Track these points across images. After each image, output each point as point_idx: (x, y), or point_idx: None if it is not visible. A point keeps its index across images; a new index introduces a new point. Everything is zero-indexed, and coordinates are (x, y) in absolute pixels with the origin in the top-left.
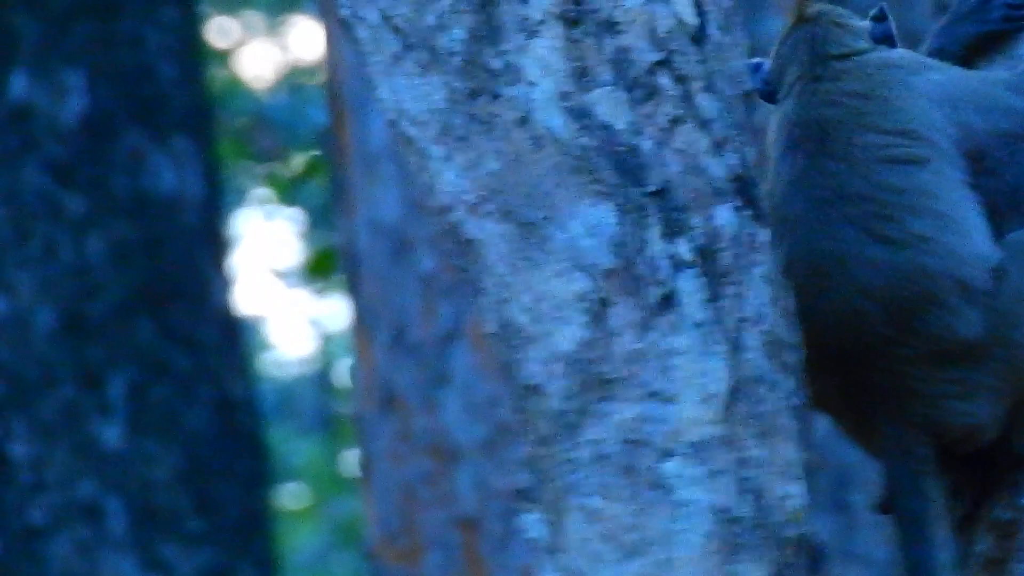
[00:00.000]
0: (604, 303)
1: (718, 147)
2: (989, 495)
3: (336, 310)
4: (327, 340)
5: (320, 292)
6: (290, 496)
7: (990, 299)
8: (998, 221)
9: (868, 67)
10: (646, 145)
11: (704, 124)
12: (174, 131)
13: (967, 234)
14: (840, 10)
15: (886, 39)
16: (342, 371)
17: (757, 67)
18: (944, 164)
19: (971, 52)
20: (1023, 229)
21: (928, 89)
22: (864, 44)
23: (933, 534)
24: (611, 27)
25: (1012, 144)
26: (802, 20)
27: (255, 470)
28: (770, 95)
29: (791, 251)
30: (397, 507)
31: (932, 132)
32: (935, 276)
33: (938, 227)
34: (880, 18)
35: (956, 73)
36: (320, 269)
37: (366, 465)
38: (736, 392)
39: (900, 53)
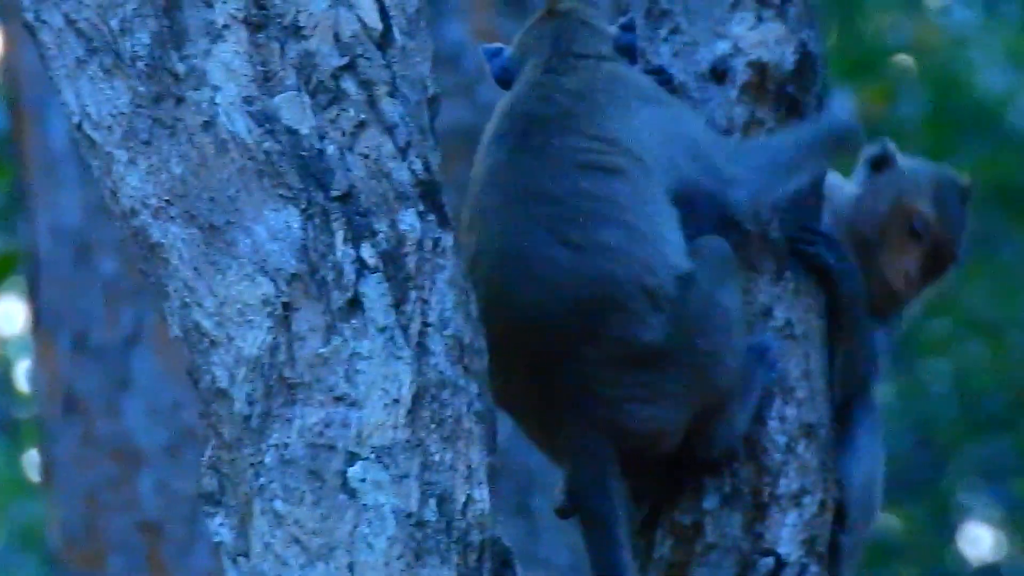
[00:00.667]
0: (289, 307)
1: (403, 152)
2: (670, 500)
3: (13, 313)
4: (5, 343)
5: None
6: None
7: (676, 307)
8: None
9: (599, 72)
10: (331, 150)
11: (389, 129)
12: None
13: (656, 245)
14: (591, 10)
15: (628, 50)
16: (22, 374)
17: (498, 52)
18: (642, 177)
19: None
20: (709, 235)
21: (650, 118)
22: (606, 50)
23: (619, 535)
24: (296, 31)
25: (708, 198)
26: (551, 14)
27: None
28: (507, 83)
29: (480, 243)
30: (80, 511)
31: (638, 147)
32: (620, 283)
33: (626, 237)
34: (628, 28)
35: (687, 116)
36: None
37: (48, 469)
38: (421, 397)
39: (638, 75)
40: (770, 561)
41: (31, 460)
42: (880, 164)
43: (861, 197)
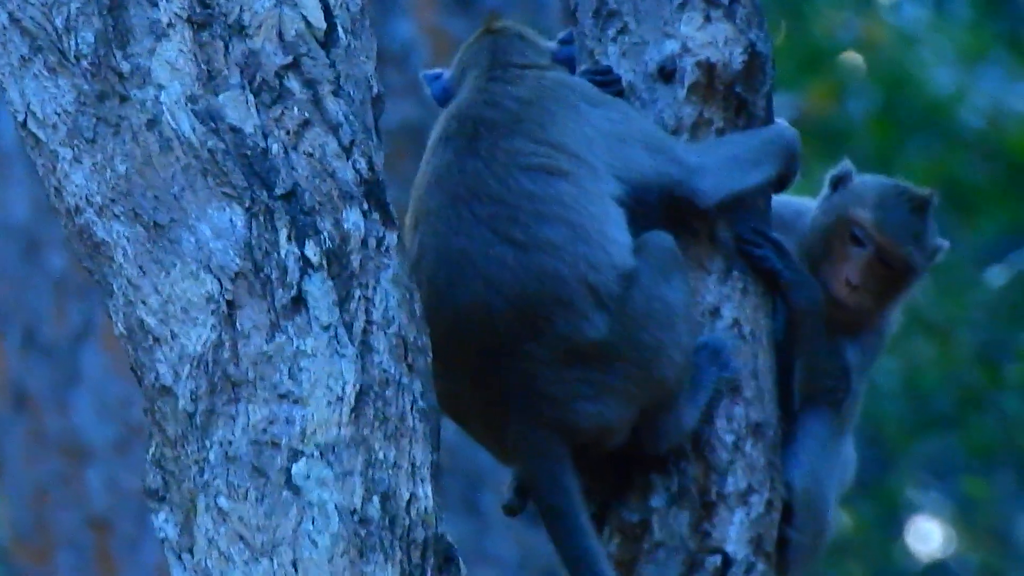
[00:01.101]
0: (233, 305)
1: (347, 151)
2: (617, 497)
3: None
4: None
5: None
6: None
7: (620, 304)
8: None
9: (544, 80)
10: (275, 148)
11: (333, 128)
12: None
13: (600, 243)
14: (526, 28)
15: (568, 63)
16: None
17: (438, 76)
18: (588, 178)
19: None
20: (655, 230)
21: (599, 122)
22: (545, 62)
23: (584, 525)
24: (240, 30)
25: (667, 192)
26: (488, 32)
27: None
28: (447, 102)
29: (424, 243)
30: (29, 507)
31: (585, 152)
32: (564, 280)
33: (569, 235)
34: (567, 42)
35: (637, 116)
36: None
37: None
38: (364, 394)
39: (582, 81)
40: (717, 559)
41: None
42: (837, 183)
43: (815, 215)
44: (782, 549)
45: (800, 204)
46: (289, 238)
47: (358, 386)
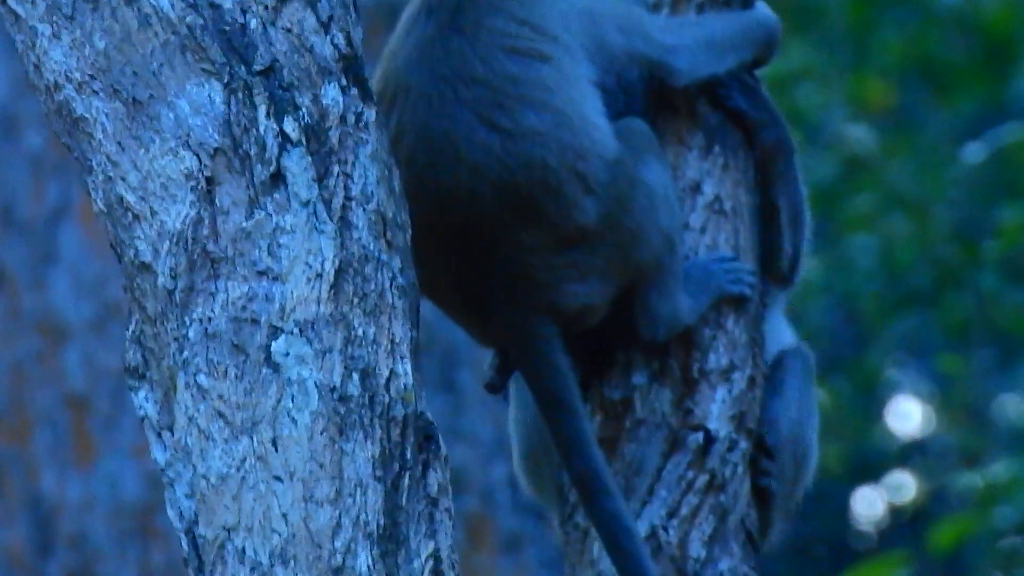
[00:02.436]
0: (212, 182)
1: (325, 26)
2: (598, 375)
3: None
4: None
5: None
6: None
7: (606, 189)
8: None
9: None
10: (253, 24)
11: (311, 3)
12: None
13: (585, 130)
14: None
15: None
16: None
17: None
18: (568, 62)
19: None
20: (628, 117)
21: (576, 1)
22: None
23: (578, 407)
24: None
25: (645, 69)
26: None
27: None
28: None
29: (402, 121)
30: (5, 385)
31: (562, 33)
32: (552, 170)
33: (554, 122)
34: None
35: None
36: None
37: None
38: (343, 271)
39: None
40: (699, 437)
41: None
42: None
43: None
44: (764, 497)
45: None
46: (268, 114)
47: (337, 262)
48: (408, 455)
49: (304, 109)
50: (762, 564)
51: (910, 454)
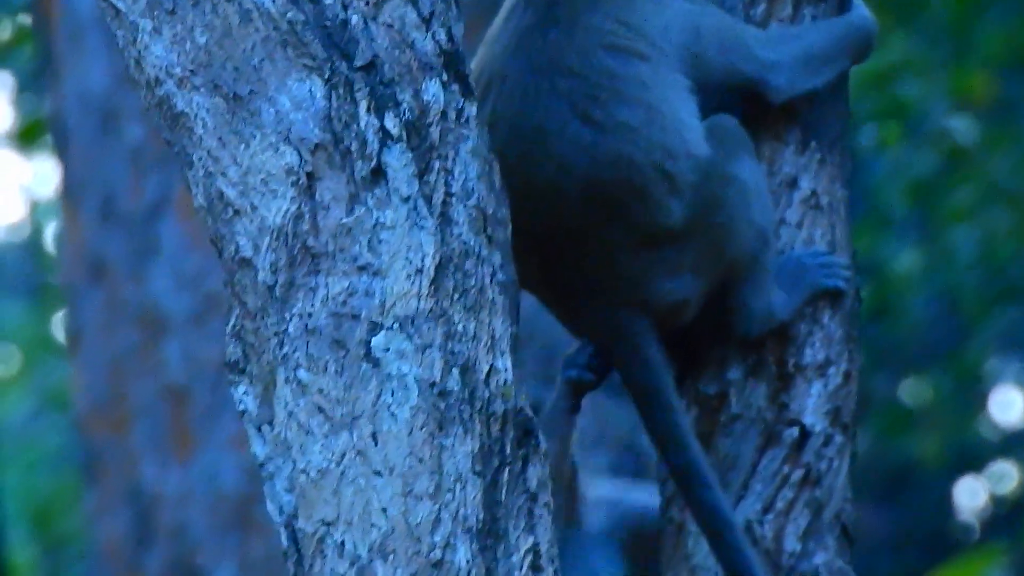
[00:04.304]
0: (312, 177)
1: (426, 22)
2: (693, 370)
3: (45, 175)
4: (36, 207)
5: (29, 157)
6: None
7: (695, 191)
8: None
9: None
10: (354, 19)
11: None
12: None
13: (676, 130)
14: None
15: None
16: (52, 238)
17: None
18: (664, 66)
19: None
20: (721, 113)
21: (677, 10)
22: None
23: (672, 402)
24: None
25: (744, 89)
26: None
27: None
28: None
29: (497, 110)
30: (106, 377)
31: (661, 40)
32: (639, 167)
33: (646, 119)
34: None
35: (711, 10)
36: (29, 137)
37: (74, 335)
38: (444, 266)
39: None
40: (795, 431)
41: (60, 321)
42: None
43: None
44: None
45: None
46: (368, 109)
47: (437, 258)
48: (507, 450)
49: (405, 105)
50: (864, 557)
51: (1013, 444)
